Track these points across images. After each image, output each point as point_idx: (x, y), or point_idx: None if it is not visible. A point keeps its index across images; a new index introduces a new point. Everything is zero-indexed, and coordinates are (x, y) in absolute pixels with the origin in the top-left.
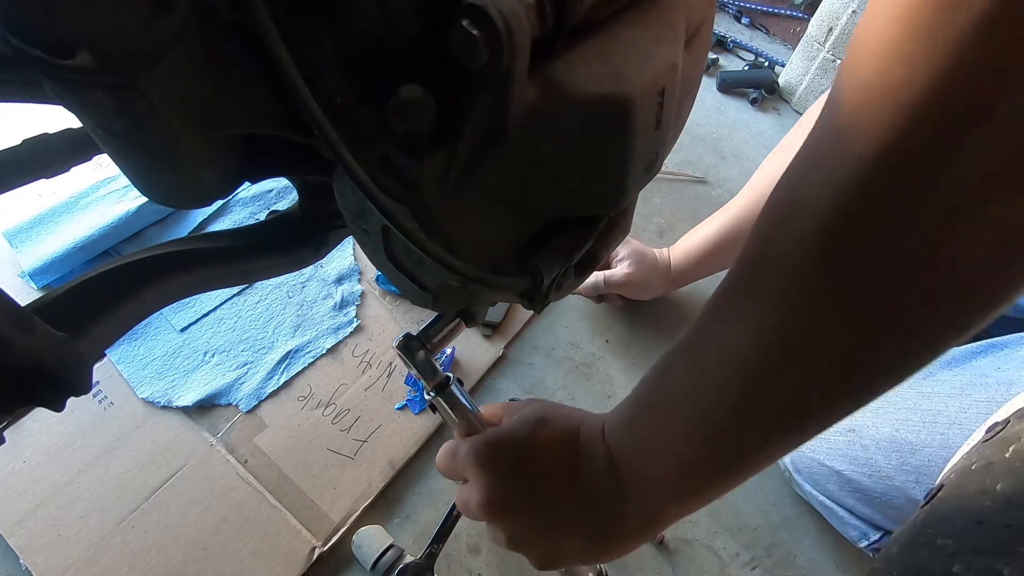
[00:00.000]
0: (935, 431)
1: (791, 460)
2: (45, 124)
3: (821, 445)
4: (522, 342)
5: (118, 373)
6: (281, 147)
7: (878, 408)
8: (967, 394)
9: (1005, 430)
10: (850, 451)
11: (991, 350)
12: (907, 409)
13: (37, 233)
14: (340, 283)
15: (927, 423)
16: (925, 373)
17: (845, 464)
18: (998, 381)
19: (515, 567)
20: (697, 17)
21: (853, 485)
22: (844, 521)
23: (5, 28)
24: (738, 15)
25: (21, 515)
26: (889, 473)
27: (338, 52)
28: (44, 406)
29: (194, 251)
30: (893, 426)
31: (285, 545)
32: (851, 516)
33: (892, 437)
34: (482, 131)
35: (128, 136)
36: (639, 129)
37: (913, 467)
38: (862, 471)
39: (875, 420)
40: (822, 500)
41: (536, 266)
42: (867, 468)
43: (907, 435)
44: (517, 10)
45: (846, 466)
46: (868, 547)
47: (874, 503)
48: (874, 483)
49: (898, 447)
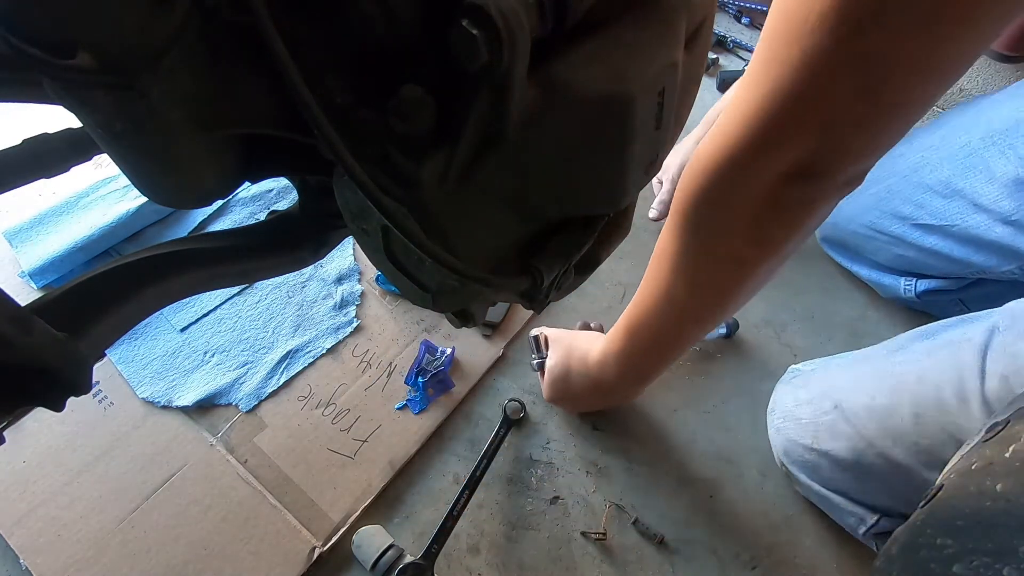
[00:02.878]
0: (905, 391)
1: (786, 454)
2: (45, 124)
3: (809, 430)
4: (522, 342)
5: (118, 373)
6: (281, 147)
7: (856, 381)
8: (934, 356)
9: (1005, 430)
10: (836, 428)
11: (960, 324)
12: (879, 378)
13: (37, 233)
14: (340, 283)
15: (897, 387)
16: (897, 346)
17: (832, 443)
18: (964, 338)
19: (515, 566)
20: (697, 17)
21: (843, 464)
22: (841, 509)
23: (5, 28)
24: (738, 15)
25: (21, 515)
26: (872, 440)
27: (338, 52)
28: (44, 406)
29: (194, 251)
30: (869, 395)
31: (285, 545)
32: (847, 502)
33: (868, 405)
34: (482, 131)
35: (128, 136)
36: (639, 129)
37: (889, 429)
38: (848, 445)
39: (854, 394)
40: (818, 490)
41: (536, 266)
42: (852, 441)
43: (881, 400)
44: (517, 10)
45: (833, 444)
46: (866, 533)
47: (864, 478)
48: (858, 455)
49: (876, 414)
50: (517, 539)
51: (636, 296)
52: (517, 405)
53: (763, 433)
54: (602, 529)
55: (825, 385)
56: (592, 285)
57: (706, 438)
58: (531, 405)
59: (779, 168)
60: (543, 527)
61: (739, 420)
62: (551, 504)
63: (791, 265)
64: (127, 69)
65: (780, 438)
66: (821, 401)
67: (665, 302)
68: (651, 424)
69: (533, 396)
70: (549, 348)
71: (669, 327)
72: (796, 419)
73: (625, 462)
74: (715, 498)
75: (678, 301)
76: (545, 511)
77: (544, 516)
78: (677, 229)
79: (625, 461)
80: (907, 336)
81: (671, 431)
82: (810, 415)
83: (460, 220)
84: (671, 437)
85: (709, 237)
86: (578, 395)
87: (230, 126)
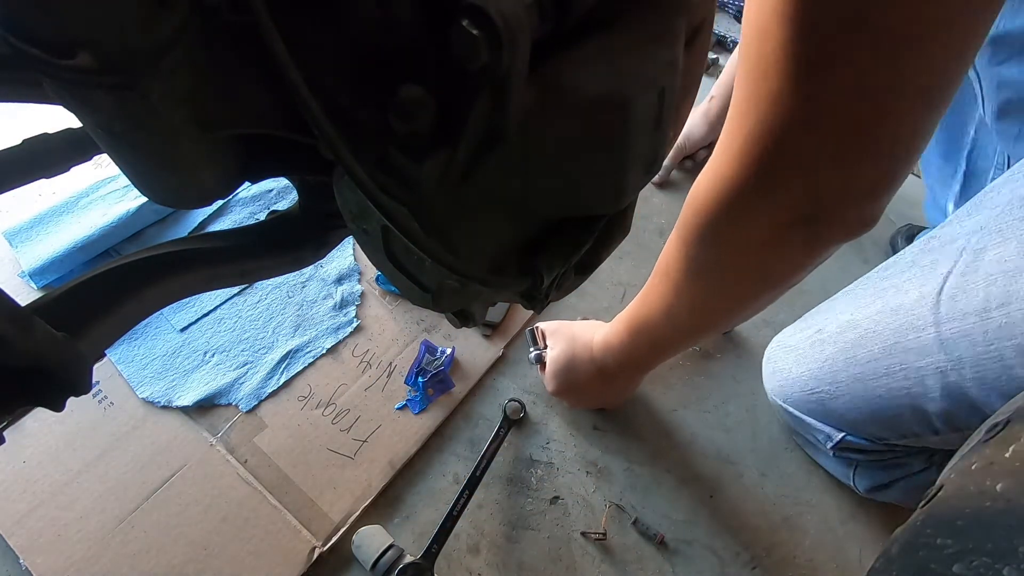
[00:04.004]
0: (878, 301)
1: (769, 382)
2: (45, 124)
3: (791, 355)
4: (522, 342)
5: (118, 373)
6: (281, 147)
7: (848, 302)
8: (916, 264)
9: (1005, 430)
10: (812, 351)
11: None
12: (865, 295)
13: (37, 233)
14: (340, 283)
15: (876, 298)
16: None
17: (805, 365)
18: (941, 242)
19: (515, 567)
20: (697, 17)
21: (811, 385)
22: (811, 427)
23: (5, 28)
24: (738, 15)
25: (21, 515)
26: (834, 358)
27: (338, 52)
28: (44, 406)
29: (194, 251)
30: (851, 312)
31: (285, 545)
32: (816, 421)
33: (846, 322)
34: (482, 131)
35: (128, 136)
36: (639, 129)
37: (851, 342)
38: (816, 366)
39: (839, 315)
40: (791, 411)
41: (536, 266)
42: (819, 362)
43: (857, 314)
44: (517, 10)
45: (806, 367)
46: (832, 447)
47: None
48: (823, 374)
49: (845, 329)
50: (517, 539)
51: (638, 298)
52: (517, 405)
53: (763, 433)
54: (602, 529)
55: (821, 313)
56: (592, 285)
57: (706, 438)
58: (531, 405)
59: (777, 215)
60: (543, 527)
61: (739, 420)
62: (551, 504)
63: None
64: (127, 69)
65: (768, 366)
66: (810, 328)
67: (664, 313)
68: (651, 424)
69: (533, 396)
70: (548, 340)
71: (668, 333)
72: (785, 346)
73: (625, 462)
74: (715, 498)
75: (678, 317)
76: (545, 511)
77: (544, 516)
78: (678, 253)
79: (625, 461)
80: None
81: (671, 431)
82: (796, 342)
83: (460, 220)
84: (671, 437)
85: (710, 270)
86: (581, 385)
87: (230, 126)
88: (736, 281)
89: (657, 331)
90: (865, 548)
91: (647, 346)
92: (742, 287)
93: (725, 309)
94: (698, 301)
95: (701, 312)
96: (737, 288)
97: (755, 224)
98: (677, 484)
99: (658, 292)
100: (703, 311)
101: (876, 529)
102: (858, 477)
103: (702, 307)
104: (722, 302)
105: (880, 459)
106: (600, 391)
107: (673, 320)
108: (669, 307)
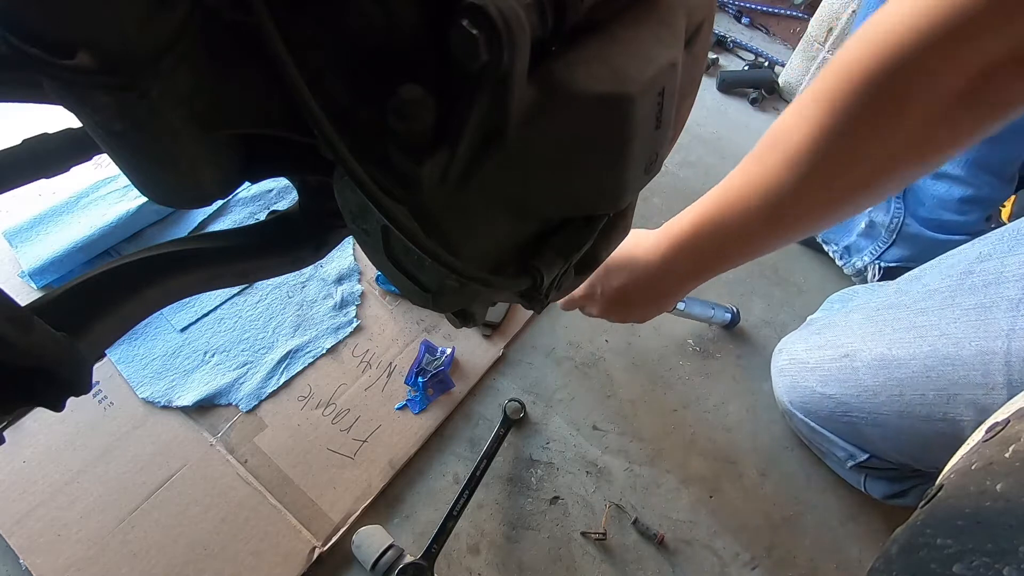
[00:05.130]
0: (924, 344)
1: (787, 395)
2: (45, 124)
3: (815, 374)
4: (522, 342)
5: (118, 373)
6: (281, 147)
7: (877, 331)
8: (956, 303)
9: (1005, 430)
10: (841, 375)
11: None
12: (902, 329)
13: (37, 233)
14: (340, 283)
15: (918, 338)
16: (924, 295)
17: (836, 388)
18: (984, 282)
19: (515, 567)
20: (697, 17)
21: (843, 408)
22: (833, 443)
23: (5, 28)
24: (738, 15)
25: (21, 515)
26: (876, 391)
27: (338, 52)
28: (44, 406)
29: (194, 251)
30: (887, 345)
31: (285, 545)
32: (841, 440)
33: (884, 355)
34: (482, 131)
35: (128, 136)
36: (639, 129)
37: (898, 380)
38: (851, 392)
39: (871, 343)
40: (813, 426)
41: (536, 266)
42: (856, 388)
43: (898, 352)
44: (517, 10)
45: (836, 389)
46: (855, 466)
47: (860, 423)
48: (862, 402)
49: (887, 364)
50: (517, 539)
51: (715, 191)
52: (517, 405)
53: (763, 433)
54: (602, 529)
55: (840, 333)
56: None
57: (706, 438)
58: (531, 405)
59: (993, 53)
60: (543, 527)
61: (739, 420)
62: (551, 504)
63: (791, 265)
64: (127, 69)
65: (784, 379)
66: (833, 348)
67: (760, 197)
68: (651, 424)
69: (533, 396)
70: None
71: (754, 225)
72: (803, 363)
73: (625, 462)
74: (715, 498)
75: (782, 198)
76: (545, 511)
77: (544, 516)
78: (813, 117)
79: (625, 461)
80: (934, 281)
81: (671, 431)
82: (818, 360)
83: (460, 220)
84: (671, 437)
85: (863, 134)
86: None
87: (230, 126)
88: (889, 151)
89: (738, 221)
90: (865, 548)
91: (717, 243)
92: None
93: (849, 189)
94: (815, 179)
95: (814, 191)
96: (884, 161)
97: (963, 65)
98: (677, 484)
99: (753, 173)
100: (818, 190)
101: (876, 529)
102: (870, 484)
103: (820, 187)
104: (854, 177)
105: (899, 475)
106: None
107: (768, 203)
108: (772, 187)
